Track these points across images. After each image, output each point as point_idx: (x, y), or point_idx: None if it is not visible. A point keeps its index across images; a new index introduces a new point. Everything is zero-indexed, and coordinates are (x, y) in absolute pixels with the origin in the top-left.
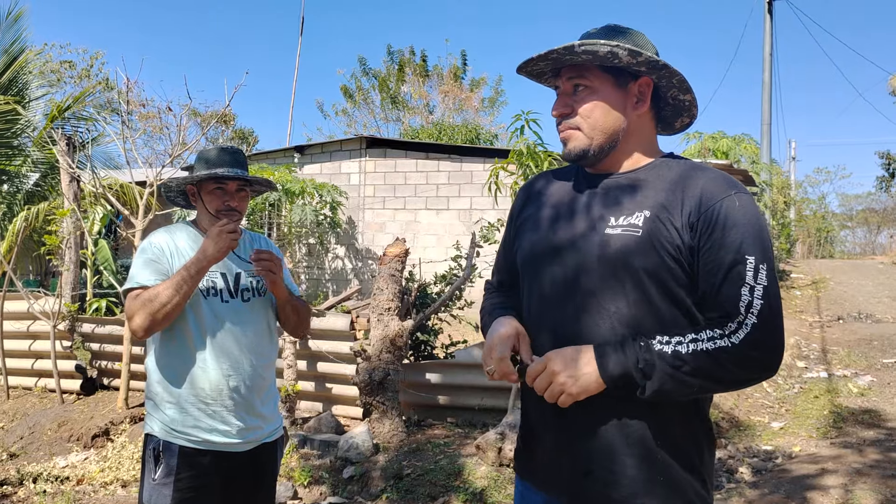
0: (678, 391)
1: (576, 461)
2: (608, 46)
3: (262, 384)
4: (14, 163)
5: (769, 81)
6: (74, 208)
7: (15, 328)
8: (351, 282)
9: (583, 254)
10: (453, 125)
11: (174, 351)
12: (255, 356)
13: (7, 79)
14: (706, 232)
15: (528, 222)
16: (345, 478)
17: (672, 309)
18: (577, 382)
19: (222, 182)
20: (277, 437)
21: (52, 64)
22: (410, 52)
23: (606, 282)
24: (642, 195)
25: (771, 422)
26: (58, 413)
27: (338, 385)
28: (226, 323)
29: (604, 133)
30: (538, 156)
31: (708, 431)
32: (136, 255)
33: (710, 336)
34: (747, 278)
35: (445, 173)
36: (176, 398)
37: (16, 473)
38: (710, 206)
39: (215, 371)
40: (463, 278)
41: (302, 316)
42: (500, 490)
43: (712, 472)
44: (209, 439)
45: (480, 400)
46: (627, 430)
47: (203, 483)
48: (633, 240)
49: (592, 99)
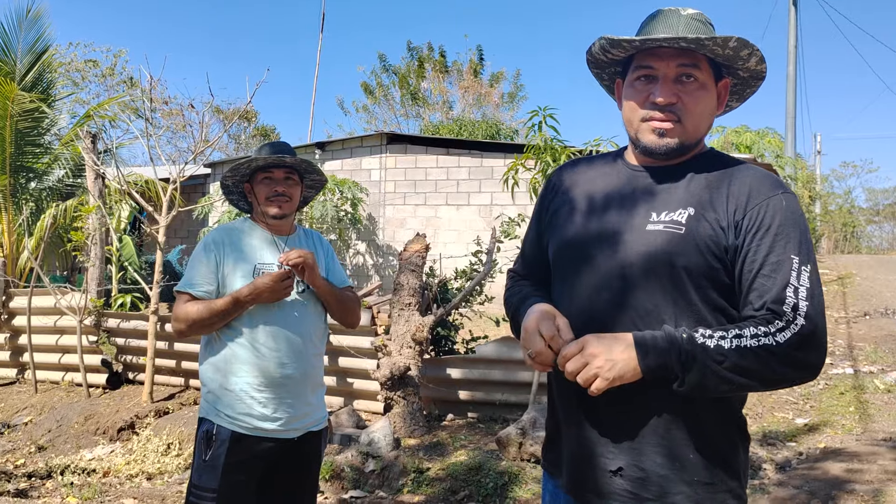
0: (717, 387)
1: (604, 459)
2: (753, 51)
3: (313, 373)
4: (41, 161)
5: (794, 74)
6: (100, 205)
7: (42, 323)
8: (372, 278)
9: (621, 249)
10: (473, 121)
11: (229, 339)
12: (308, 346)
13: (32, 78)
14: (751, 231)
15: (561, 213)
16: (366, 472)
17: (712, 310)
18: (613, 368)
19: (269, 171)
20: (323, 427)
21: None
22: (429, 48)
23: (645, 279)
24: (686, 191)
25: (795, 418)
26: (84, 407)
27: (359, 380)
28: (280, 313)
29: (699, 133)
30: (556, 150)
31: (742, 429)
32: (194, 252)
33: (753, 333)
34: (791, 279)
35: (466, 169)
36: (229, 385)
37: (44, 466)
38: (756, 206)
39: (269, 360)
40: (483, 273)
41: (348, 307)
42: (520, 485)
43: (747, 469)
44: (260, 426)
45: (501, 395)
46: (659, 429)
47: (250, 467)
48: (676, 238)
49: (702, 94)
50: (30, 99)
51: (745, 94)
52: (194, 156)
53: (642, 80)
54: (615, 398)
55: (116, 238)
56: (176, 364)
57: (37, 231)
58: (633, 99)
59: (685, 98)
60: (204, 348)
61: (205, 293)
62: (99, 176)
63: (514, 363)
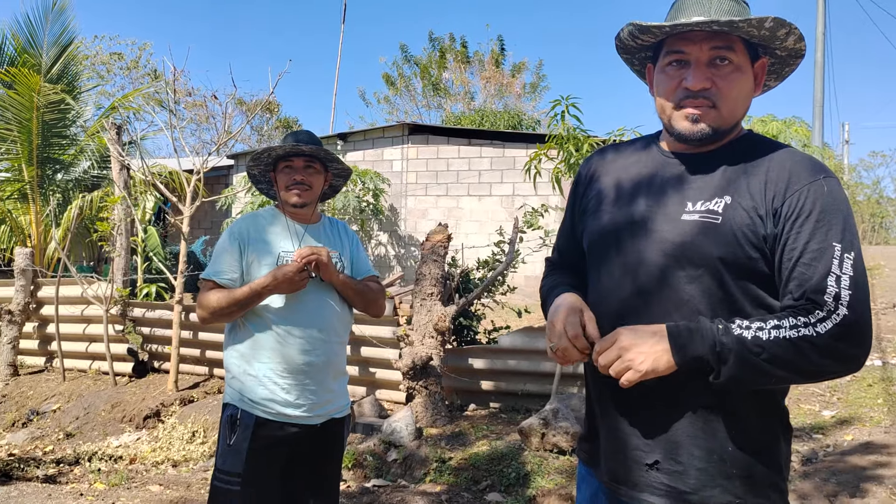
0: (755, 379)
1: (640, 452)
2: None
3: (336, 361)
4: (67, 152)
5: (822, 62)
6: (125, 196)
7: (70, 312)
8: (394, 268)
9: (656, 239)
10: (495, 111)
11: (252, 326)
12: (330, 334)
13: (58, 70)
14: (790, 218)
15: (594, 201)
16: (388, 461)
17: (751, 301)
18: (646, 360)
19: (289, 160)
20: (345, 415)
21: (101, 56)
22: (451, 39)
23: (681, 270)
24: (723, 178)
25: (822, 410)
26: (111, 395)
27: (381, 369)
28: (303, 301)
29: (735, 117)
30: (579, 140)
31: (784, 421)
32: (219, 241)
33: (793, 324)
34: (833, 267)
35: (488, 159)
36: (253, 371)
37: (72, 452)
38: (796, 192)
39: (292, 346)
40: (506, 263)
41: (369, 298)
42: (543, 475)
43: (789, 462)
44: (283, 412)
45: (523, 385)
46: (696, 421)
47: (274, 452)
48: (712, 228)
49: (737, 76)
50: (55, 91)
51: (783, 73)
52: (217, 147)
53: (674, 66)
54: (649, 391)
55: (141, 229)
56: (200, 353)
57: (64, 222)
58: (665, 84)
59: (720, 82)
60: (228, 335)
61: (228, 281)
62: (124, 167)
63: (537, 353)
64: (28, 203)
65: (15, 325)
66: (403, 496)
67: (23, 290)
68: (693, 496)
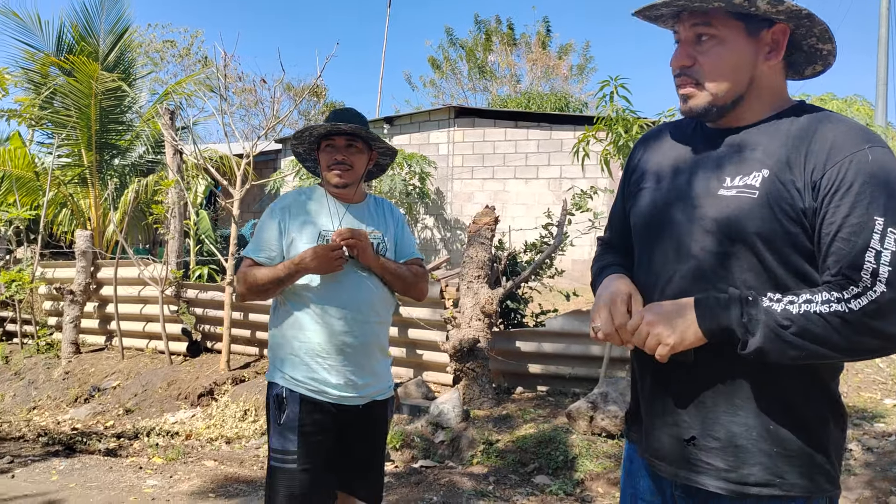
0: (783, 352)
1: (677, 428)
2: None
3: (376, 342)
4: (124, 138)
5: (886, 38)
6: (178, 179)
7: (127, 293)
8: (440, 252)
9: (694, 216)
10: (542, 94)
11: (293, 305)
12: (370, 315)
13: (114, 58)
14: (830, 191)
15: (641, 181)
16: (435, 442)
17: (794, 276)
18: (673, 333)
19: (331, 139)
20: (388, 397)
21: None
22: (497, 21)
23: (719, 246)
24: (763, 152)
25: (883, 398)
26: (167, 373)
27: (428, 352)
28: (341, 281)
29: (729, 89)
30: (628, 121)
31: (834, 403)
32: (262, 218)
33: (825, 299)
34: (873, 242)
35: (535, 142)
36: (294, 351)
37: (131, 427)
38: (837, 162)
39: (329, 327)
40: (554, 246)
41: (409, 282)
42: (591, 459)
43: (841, 447)
44: (325, 391)
45: (571, 369)
46: (734, 397)
47: (324, 429)
48: (749, 202)
49: (719, 50)
50: (112, 78)
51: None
52: (265, 131)
53: (675, 46)
54: (686, 366)
55: (194, 212)
56: (251, 334)
57: (121, 205)
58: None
59: (700, 58)
60: (272, 314)
61: (266, 258)
62: (177, 151)
63: (585, 337)
64: (87, 187)
65: (77, 304)
66: (451, 477)
67: (84, 271)
68: (731, 473)
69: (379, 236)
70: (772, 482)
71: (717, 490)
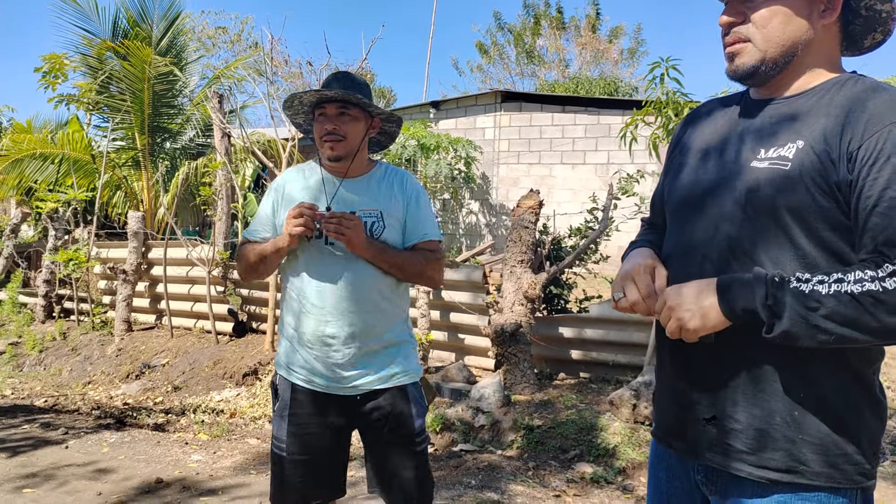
0: (811, 336)
1: (698, 407)
2: None
3: (369, 331)
4: (175, 122)
5: None
6: (225, 161)
7: (176, 273)
8: (485, 237)
9: (727, 190)
10: (590, 79)
11: (289, 292)
12: (360, 303)
13: (166, 43)
14: (867, 162)
15: (682, 156)
16: (476, 426)
17: (828, 254)
18: (696, 316)
19: (322, 107)
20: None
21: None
22: (546, 4)
23: (749, 222)
24: (802, 122)
25: None
26: (213, 352)
27: (470, 336)
28: (330, 268)
29: (780, 46)
30: (678, 104)
31: (870, 391)
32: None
33: (857, 278)
34: None
35: (582, 126)
36: (288, 337)
37: (179, 404)
38: (875, 133)
39: (314, 316)
40: (599, 231)
41: (410, 271)
42: (633, 447)
43: (878, 439)
44: (313, 380)
45: (615, 356)
46: (758, 380)
47: (314, 420)
48: (780, 174)
49: (771, 4)
50: (164, 63)
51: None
52: None
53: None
54: (708, 347)
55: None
56: None
57: (171, 188)
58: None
59: (751, 13)
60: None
61: (260, 238)
62: (225, 135)
63: (629, 324)
64: (140, 170)
65: (129, 283)
66: (491, 461)
67: (135, 251)
68: (750, 456)
69: (375, 213)
70: (794, 468)
71: (736, 472)
